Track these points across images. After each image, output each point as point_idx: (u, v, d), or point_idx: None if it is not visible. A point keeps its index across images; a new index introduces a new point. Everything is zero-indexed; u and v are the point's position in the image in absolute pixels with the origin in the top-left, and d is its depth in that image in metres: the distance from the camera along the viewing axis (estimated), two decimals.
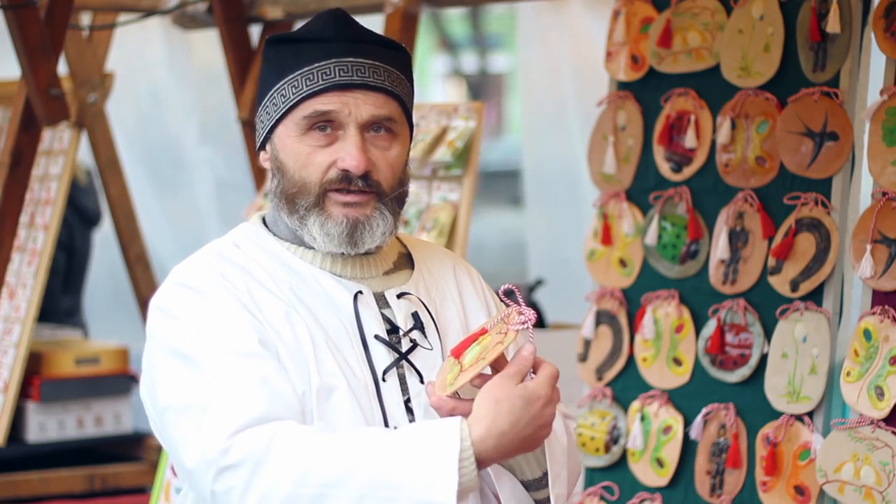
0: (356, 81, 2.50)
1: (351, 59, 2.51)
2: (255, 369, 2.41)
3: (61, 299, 6.74)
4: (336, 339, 2.51)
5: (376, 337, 2.53)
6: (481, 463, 2.38)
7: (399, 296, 2.59)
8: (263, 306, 2.48)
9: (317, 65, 2.50)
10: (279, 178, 2.55)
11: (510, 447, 2.40)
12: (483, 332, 2.49)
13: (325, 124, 2.51)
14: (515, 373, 2.42)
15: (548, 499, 2.55)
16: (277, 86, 2.54)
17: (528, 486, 2.55)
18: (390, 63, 2.54)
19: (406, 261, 2.68)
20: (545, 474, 2.54)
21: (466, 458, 2.35)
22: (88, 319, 7.08)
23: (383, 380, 2.51)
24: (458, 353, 2.48)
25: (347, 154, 2.50)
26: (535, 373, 2.44)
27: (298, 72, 2.51)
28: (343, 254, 2.57)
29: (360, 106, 2.51)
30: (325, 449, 2.35)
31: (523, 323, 2.44)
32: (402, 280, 2.63)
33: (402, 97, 2.57)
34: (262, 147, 2.61)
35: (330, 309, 2.53)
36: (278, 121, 2.54)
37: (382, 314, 2.56)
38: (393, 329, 2.56)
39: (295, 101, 2.51)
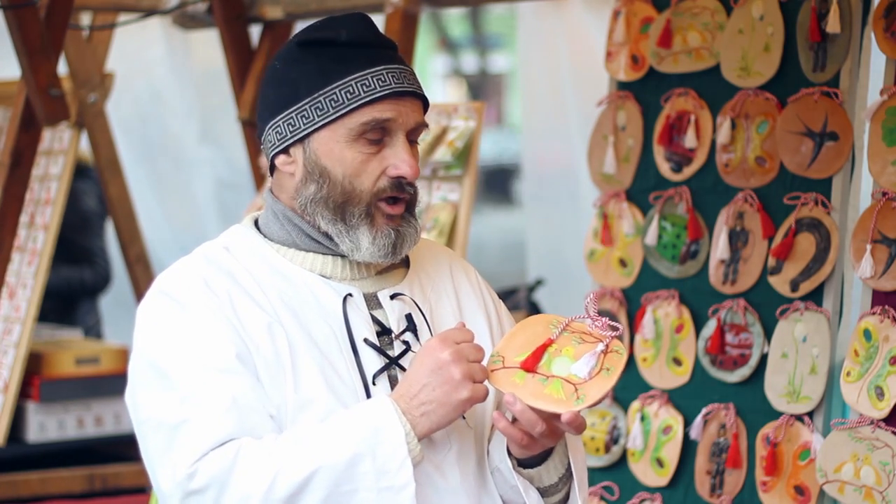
0: (408, 89, 2.51)
1: (396, 66, 2.51)
2: (227, 387, 2.41)
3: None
4: (324, 345, 2.49)
5: (365, 341, 2.52)
6: (415, 426, 2.42)
7: (392, 297, 2.58)
8: (245, 318, 2.47)
9: (369, 71, 2.49)
10: (321, 184, 2.51)
11: (420, 400, 2.42)
12: (549, 342, 2.46)
13: (377, 132, 2.50)
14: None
15: (560, 502, 2.56)
16: (325, 90, 2.49)
17: (544, 492, 2.55)
18: (410, 67, 2.56)
19: (401, 259, 2.66)
20: (560, 479, 2.55)
21: (408, 434, 2.41)
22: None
23: (373, 383, 2.50)
24: (530, 366, 2.44)
25: (402, 161, 2.49)
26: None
27: (350, 77, 2.48)
28: (333, 254, 2.56)
29: (409, 114, 2.51)
30: (285, 456, 2.37)
31: (614, 328, 2.46)
32: (396, 280, 2.61)
33: (428, 103, 2.59)
34: (285, 150, 2.55)
35: (318, 314, 2.52)
36: (324, 125, 2.51)
37: (374, 316, 2.55)
38: (384, 331, 2.55)
39: (352, 106, 2.48)
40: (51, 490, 5.29)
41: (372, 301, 2.57)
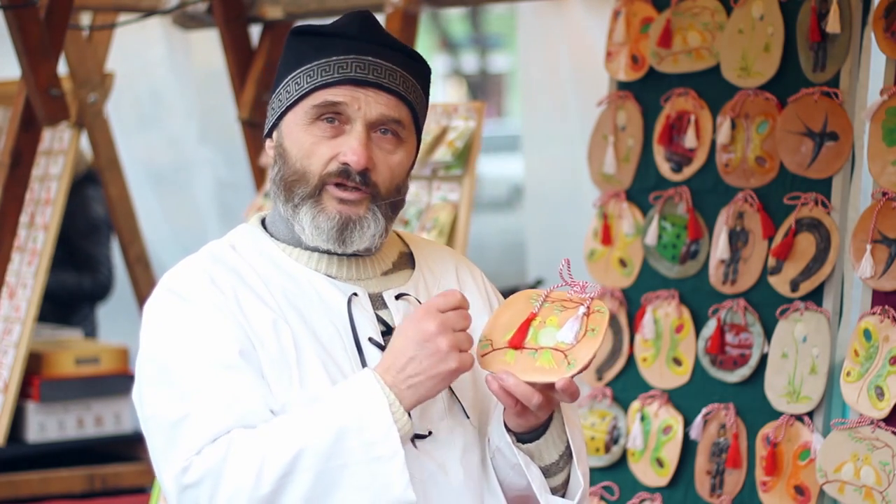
0: (370, 79, 2.50)
1: (370, 58, 2.51)
2: (229, 384, 2.42)
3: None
4: (329, 343, 2.50)
5: (370, 340, 2.52)
6: (402, 399, 2.40)
7: (397, 297, 2.58)
8: (250, 314, 2.48)
9: (335, 58, 2.51)
10: (280, 164, 2.55)
11: (406, 373, 2.40)
12: (532, 316, 2.47)
13: (333, 116, 2.50)
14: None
15: (562, 484, 2.55)
16: (293, 74, 2.53)
17: (546, 471, 2.55)
18: (408, 71, 2.54)
19: (407, 260, 2.66)
20: (560, 457, 2.54)
21: (392, 404, 2.39)
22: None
23: None
24: (518, 342, 2.45)
25: (349, 148, 2.49)
26: None
27: (315, 62, 2.51)
28: (339, 254, 2.56)
29: (371, 104, 2.50)
30: (271, 442, 2.37)
31: (592, 289, 2.46)
32: (401, 280, 2.62)
33: (415, 105, 2.56)
34: (269, 135, 2.60)
35: (323, 312, 2.52)
36: (289, 108, 2.54)
37: (379, 316, 2.55)
38: (389, 331, 2.54)
39: (308, 89, 2.51)
40: (51, 490, 5.29)
41: (377, 301, 2.57)
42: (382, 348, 2.52)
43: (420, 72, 2.58)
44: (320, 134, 2.51)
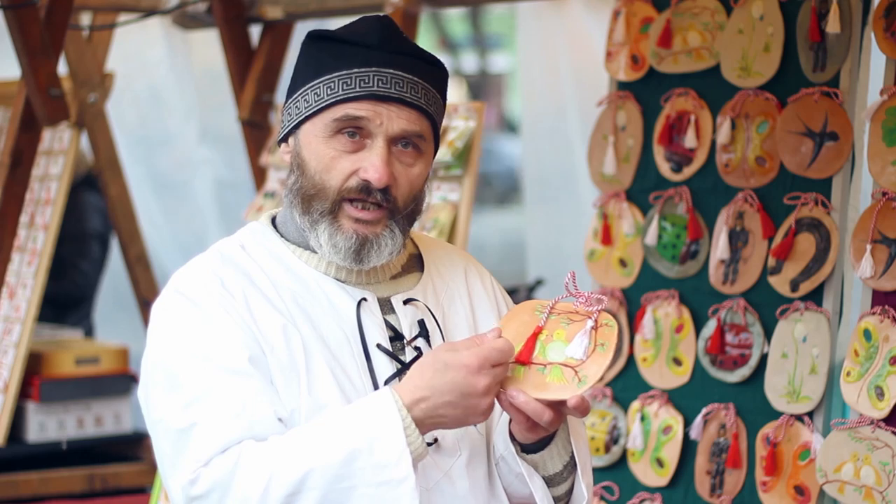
0: (393, 94, 2.48)
1: (391, 70, 2.48)
2: (237, 391, 2.40)
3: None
4: (337, 349, 2.48)
5: (378, 346, 2.51)
6: (422, 427, 2.38)
7: (406, 302, 2.57)
8: (260, 319, 2.46)
9: (356, 70, 2.47)
10: (298, 175, 2.52)
11: (437, 412, 2.37)
12: (539, 329, 2.44)
13: (354, 130, 2.48)
14: (451, 346, 2.42)
15: (566, 493, 2.55)
16: (312, 83, 2.50)
17: (550, 481, 2.54)
18: (428, 80, 2.52)
19: (416, 262, 2.65)
20: (565, 467, 2.53)
21: (408, 427, 2.36)
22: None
23: None
24: (525, 358, 2.43)
25: (371, 165, 2.47)
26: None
27: (336, 73, 2.48)
28: None
29: (393, 119, 2.48)
30: (280, 458, 2.35)
31: (599, 301, 2.44)
32: (410, 284, 2.60)
33: (435, 116, 2.55)
34: (285, 139, 2.58)
35: (332, 317, 2.51)
36: (307, 118, 2.51)
37: (387, 321, 2.54)
38: (396, 336, 2.54)
39: (328, 102, 2.48)
40: (51, 490, 5.29)
41: (385, 306, 2.56)
42: (390, 354, 2.51)
43: (438, 77, 2.56)
44: (340, 148, 2.48)
